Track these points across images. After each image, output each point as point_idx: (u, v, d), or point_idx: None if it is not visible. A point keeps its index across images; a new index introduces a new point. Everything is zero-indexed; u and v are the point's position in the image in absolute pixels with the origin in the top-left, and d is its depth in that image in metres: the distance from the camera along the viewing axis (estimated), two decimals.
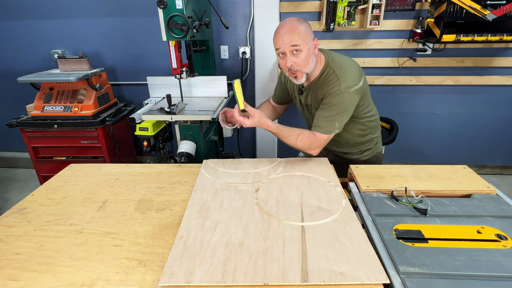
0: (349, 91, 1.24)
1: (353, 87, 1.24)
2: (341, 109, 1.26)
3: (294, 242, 0.86)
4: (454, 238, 0.87)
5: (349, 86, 1.24)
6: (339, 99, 1.24)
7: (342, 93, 1.23)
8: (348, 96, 1.24)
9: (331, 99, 1.25)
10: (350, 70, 1.27)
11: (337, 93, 1.24)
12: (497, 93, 2.56)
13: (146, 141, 1.87)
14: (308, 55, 1.23)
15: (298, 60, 1.22)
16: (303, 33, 1.19)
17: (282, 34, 1.20)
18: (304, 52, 1.21)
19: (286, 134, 1.29)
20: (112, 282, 0.77)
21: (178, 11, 1.65)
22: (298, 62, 1.23)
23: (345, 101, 1.25)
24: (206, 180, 1.22)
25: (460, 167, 1.26)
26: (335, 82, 1.25)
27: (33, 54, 2.71)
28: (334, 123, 1.27)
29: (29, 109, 2.35)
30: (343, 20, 2.31)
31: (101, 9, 2.53)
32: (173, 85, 2.08)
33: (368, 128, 1.45)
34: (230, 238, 0.88)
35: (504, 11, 1.99)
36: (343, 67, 1.27)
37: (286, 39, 1.19)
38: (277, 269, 0.77)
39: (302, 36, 1.19)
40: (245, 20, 2.52)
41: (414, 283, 0.72)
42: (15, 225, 1.00)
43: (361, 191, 1.12)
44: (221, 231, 0.91)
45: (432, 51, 2.42)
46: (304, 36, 1.19)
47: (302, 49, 1.20)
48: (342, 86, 1.23)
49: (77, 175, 1.32)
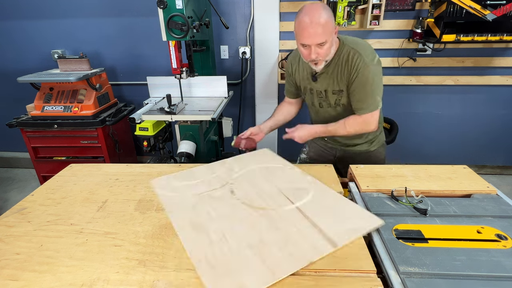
0: (373, 63, 1.25)
1: (375, 59, 1.26)
2: (376, 83, 1.26)
3: (301, 221, 0.92)
4: (454, 238, 0.87)
5: (371, 58, 1.25)
6: (368, 72, 1.24)
7: (368, 66, 1.24)
8: (374, 68, 1.25)
9: (361, 76, 1.25)
10: (364, 44, 1.29)
11: (364, 68, 1.24)
12: (497, 93, 2.56)
13: (146, 141, 1.87)
14: (330, 45, 1.23)
15: (322, 51, 1.22)
16: (328, 26, 1.17)
17: (308, 29, 1.16)
18: (328, 43, 1.21)
19: (334, 129, 1.33)
20: (112, 282, 0.77)
21: (178, 11, 1.65)
22: (322, 53, 1.23)
23: (376, 74, 1.25)
24: (172, 198, 1.09)
25: (460, 167, 1.26)
26: (357, 58, 1.24)
27: (33, 54, 2.71)
28: (375, 97, 1.27)
29: (29, 109, 2.35)
30: (343, 20, 2.31)
31: (101, 9, 2.53)
32: (173, 85, 2.08)
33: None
34: (247, 240, 0.86)
35: (504, 11, 1.99)
36: (357, 43, 1.29)
37: (313, 35, 1.16)
38: (307, 247, 0.82)
39: (328, 30, 1.17)
40: (245, 20, 2.52)
41: (414, 283, 0.72)
42: (15, 225, 1.00)
43: (361, 191, 1.12)
44: (234, 238, 0.88)
45: (432, 51, 2.42)
46: (329, 30, 1.18)
47: (328, 41, 1.20)
48: (366, 59, 1.24)
49: (77, 175, 1.31)
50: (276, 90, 2.67)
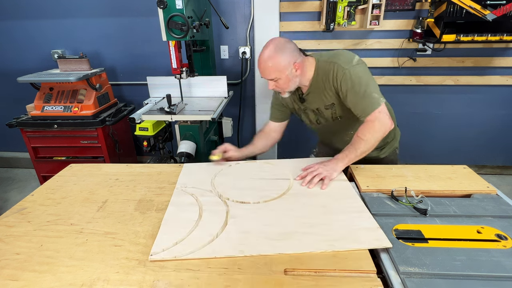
0: (352, 64, 1.19)
1: (353, 60, 1.21)
2: (365, 82, 1.18)
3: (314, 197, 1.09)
4: (454, 238, 0.87)
5: (349, 61, 1.20)
6: (350, 75, 1.18)
7: (347, 69, 1.18)
8: (355, 68, 1.19)
9: (347, 83, 1.19)
10: (339, 52, 1.26)
11: (344, 74, 1.19)
12: (497, 93, 2.56)
13: (146, 141, 1.87)
14: (287, 80, 1.24)
15: (278, 84, 1.26)
16: (278, 66, 1.19)
17: (260, 65, 1.23)
18: (282, 79, 1.23)
19: (357, 148, 1.19)
20: (112, 282, 0.77)
21: (178, 11, 1.65)
22: (279, 86, 1.27)
23: (358, 73, 1.18)
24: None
25: (460, 167, 1.26)
26: (334, 68, 1.21)
27: (33, 54, 2.71)
28: (371, 95, 1.17)
29: (29, 109, 2.35)
30: (343, 20, 2.31)
31: (101, 9, 2.53)
32: (173, 85, 2.08)
33: None
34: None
35: (504, 11, 1.99)
36: (331, 54, 1.27)
37: (262, 71, 1.24)
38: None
39: (277, 69, 1.20)
40: (245, 20, 2.52)
41: (414, 283, 0.72)
42: (15, 225, 1.00)
43: (361, 191, 1.12)
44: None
45: (432, 51, 2.42)
46: (280, 69, 1.20)
47: (280, 77, 1.23)
48: (343, 65, 1.19)
49: (77, 175, 1.32)
50: None
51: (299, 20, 2.45)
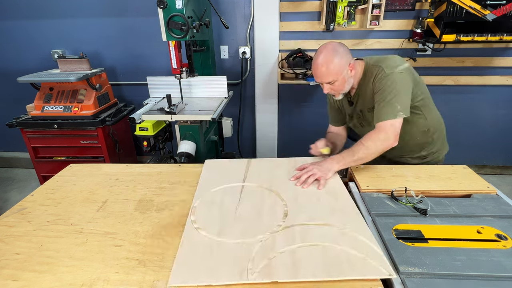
0: (395, 70, 1.19)
1: (399, 67, 1.20)
2: (396, 90, 1.17)
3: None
4: (454, 238, 0.87)
5: (394, 66, 1.21)
6: (389, 81, 1.18)
7: (388, 74, 1.19)
8: (396, 76, 1.18)
9: (380, 85, 1.21)
10: (389, 57, 1.27)
11: (383, 77, 1.20)
12: (497, 93, 2.56)
13: (146, 141, 1.87)
14: (343, 82, 1.25)
15: (334, 87, 1.27)
16: (336, 68, 1.20)
17: (316, 70, 1.23)
18: (339, 81, 1.24)
19: (356, 153, 1.17)
20: (112, 282, 0.77)
21: (178, 11, 1.65)
22: (334, 89, 1.28)
23: (397, 81, 1.18)
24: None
25: (460, 167, 1.26)
26: (378, 71, 1.23)
27: (33, 54, 2.71)
28: (394, 105, 1.16)
29: (29, 109, 2.35)
30: (343, 20, 2.31)
31: (101, 9, 2.53)
32: (173, 85, 2.08)
33: (430, 125, 1.35)
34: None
35: (504, 11, 1.99)
36: (381, 58, 1.28)
37: (319, 76, 1.24)
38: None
39: (335, 71, 1.21)
40: (245, 20, 2.52)
41: (414, 283, 0.72)
42: (15, 225, 1.00)
43: (361, 191, 1.12)
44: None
45: (432, 51, 2.42)
46: (337, 71, 1.21)
47: (337, 80, 1.23)
48: (386, 70, 1.20)
49: (77, 175, 1.32)
50: (276, 90, 2.67)
51: (299, 20, 2.45)
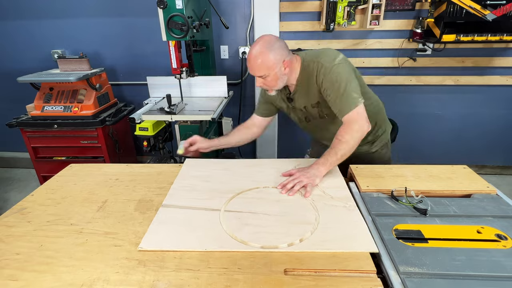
0: (334, 63, 1.20)
1: (336, 59, 1.21)
2: (344, 81, 1.18)
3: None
4: (454, 238, 0.87)
5: (332, 60, 1.21)
6: (333, 74, 1.19)
7: (329, 68, 1.20)
8: (338, 67, 1.20)
9: (326, 81, 1.21)
10: (324, 51, 1.27)
11: (327, 72, 1.20)
12: (497, 93, 2.56)
13: (146, 141, 1.87)
14: (275, 78, 1.24)
15: (266, 82, 1.26)
16: (268, 62, 1.19)
17: (249, 61, 1.23)
18: (271, 76, 1.23)
19: (338, 151, 1.18)
20: (112, 282, 0.77)
21: (178, 11, 1.66)
22: (267, 84, 1.27)
23: (340, 72, 1.19)
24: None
25: (460, 167, 1.26)
26: (317, 66, 1.23)
27: (33, 54, 2.71)
28: (350, 94, 1.17)
29: (29, 109, 2.35)
30: (343, 20, 2.31)
31: (101, 9, 2.53)
32: (173, 85, 2.08)
33: (371, 111, 1.33)
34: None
35: (504, 11, 1.99)
36: (316, 52, 1.28)
37: (251, 68, 1.24)
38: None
39: (266, 66, 1.20)
40: (245, 20, 2.52)
41: (414, 283, 0.72)
42: (15, 225, 1.00)
43: (361, 191, 1.12)
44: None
45: (432, 51, 2.42)
46: (269, 66, 1.20)
47: (268, 75, 1.22)
48: (326, 64, 1.20)
49: (77, 175, 1.31)
50: None
51: (299, 20, 2.45)
